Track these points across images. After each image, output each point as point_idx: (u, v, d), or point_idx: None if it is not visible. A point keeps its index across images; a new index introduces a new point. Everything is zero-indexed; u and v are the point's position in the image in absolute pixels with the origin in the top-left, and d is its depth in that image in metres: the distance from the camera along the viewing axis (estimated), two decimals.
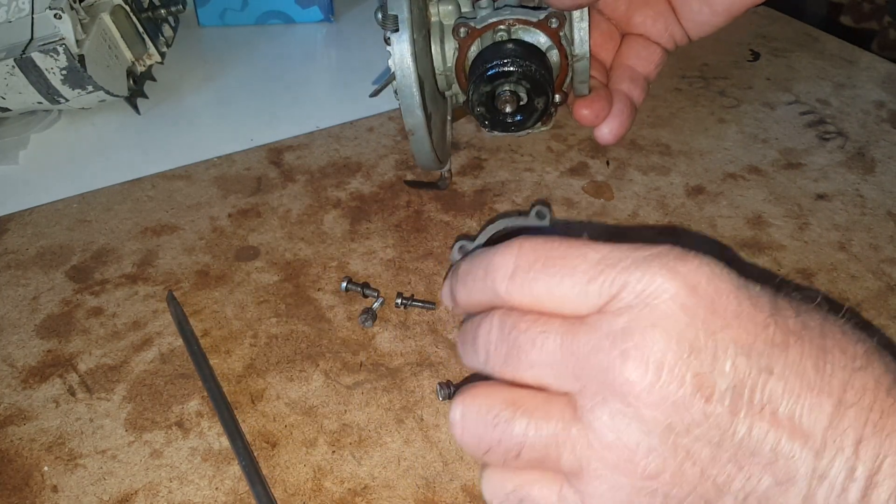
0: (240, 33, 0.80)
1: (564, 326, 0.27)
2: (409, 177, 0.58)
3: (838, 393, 0.26)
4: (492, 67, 0.47)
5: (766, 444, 0.25)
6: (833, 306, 0.43)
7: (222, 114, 0.69)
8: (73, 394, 0.44)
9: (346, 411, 0.42)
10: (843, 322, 0.28)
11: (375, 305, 0.48)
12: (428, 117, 0.49)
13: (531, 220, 0.44)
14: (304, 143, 0.63)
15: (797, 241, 0.52)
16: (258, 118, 0.68)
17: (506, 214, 0.54)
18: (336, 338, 0.46)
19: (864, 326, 0.45)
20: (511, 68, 0.47)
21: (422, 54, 0.49)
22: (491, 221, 0.46)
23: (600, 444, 0.26)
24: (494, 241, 0.43)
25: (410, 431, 0.41)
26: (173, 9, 0.71)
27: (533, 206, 0.45)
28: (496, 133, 0.51)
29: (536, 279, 0.28)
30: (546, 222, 0.44)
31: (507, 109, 0.47)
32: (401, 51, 0.46)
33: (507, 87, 0.47)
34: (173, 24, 0.74)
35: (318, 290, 0.49)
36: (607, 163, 0.59)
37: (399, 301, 0.47)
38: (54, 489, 0.39)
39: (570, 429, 0.27)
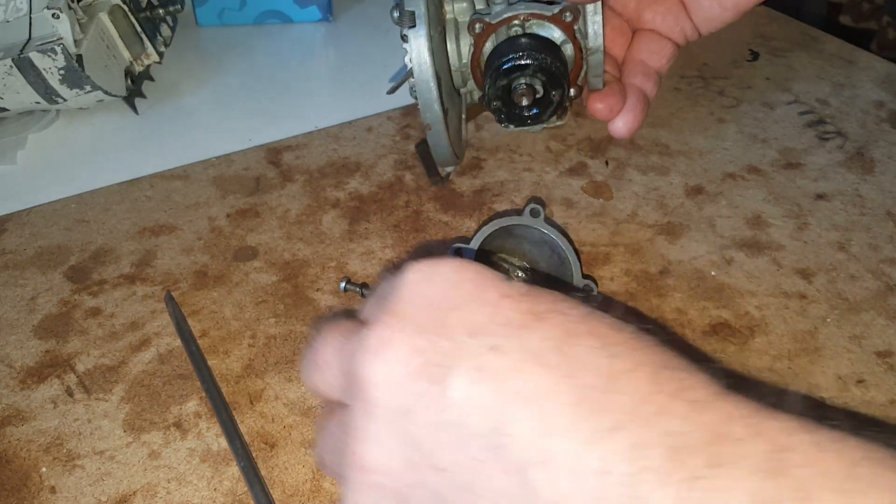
0: (238, 33, 0.80)
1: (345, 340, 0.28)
2: (408, 177, 0.58)
3: (588, 375, 0.23)
4: (507, 61, 0.47)
5: (489, 416, 0.23)
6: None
7: (221, 114, 0.69)
8: (71, 394, 0.43)
9: None
10: (619, 319, 0.26)
11: None
12: (445, 112, 0.49)
13: (525, 219, 0.44)
14: (303, 142, 0.63)
15: (796, 241, 0.52)
16: (257, 118, 0.68)
17: (501, 214, 0.54)
18: None
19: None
20: (527, 61, 0.47)
21: (438, 51, 0.49)
22: (486, 222, 0.46)
23: (353, 449, 0.26)
24: (491, 239, 0.43)
25: None
26: (171, 8, 0.71)
27: (527, 203, 0.45)
28: (512, 127, 0.50)
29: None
30: (540, 220, 0.44)
31: (524, 102, 0.48)
32: (418, 46, 0.47)
33: (524, 81, 0.47)
34: (171, 24, 0.74)
35: (317, 290, 0.49)
36: (606, 163, 0.59)
37: None
38: (52, 490, 0.39)
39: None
